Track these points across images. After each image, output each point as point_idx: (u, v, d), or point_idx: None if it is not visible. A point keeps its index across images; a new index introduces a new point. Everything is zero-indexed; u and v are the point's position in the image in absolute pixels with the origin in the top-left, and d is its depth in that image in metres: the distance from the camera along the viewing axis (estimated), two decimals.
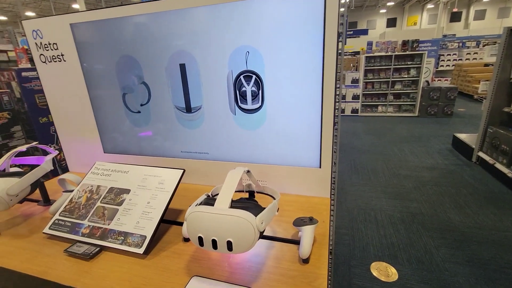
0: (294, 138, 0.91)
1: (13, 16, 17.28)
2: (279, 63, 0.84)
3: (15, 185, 0.82)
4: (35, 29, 1.08)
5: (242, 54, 0.87)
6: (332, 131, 0.85)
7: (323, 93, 0.82)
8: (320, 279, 0.59)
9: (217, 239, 0.55)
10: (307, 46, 0.80)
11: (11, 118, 2.50)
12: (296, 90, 0.85)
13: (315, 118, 0.86)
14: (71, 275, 0.64)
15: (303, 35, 0.79)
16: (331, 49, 0.78)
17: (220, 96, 0.95)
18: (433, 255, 1.90)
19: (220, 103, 0.95)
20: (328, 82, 0.81)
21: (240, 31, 0.84)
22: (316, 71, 0.81)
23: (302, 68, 0.83)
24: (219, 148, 1.02)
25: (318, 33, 0.78)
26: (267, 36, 0.83)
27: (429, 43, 6.44)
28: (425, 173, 3.22)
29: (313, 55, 0.80)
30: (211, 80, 0.94)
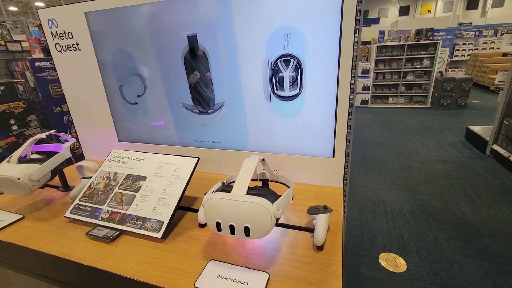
0: (308, 128, 0.91)
1: (23, 7, 17.44)
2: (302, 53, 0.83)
3: (37, 171, 0.85)
4: (51, 18, 1.09)
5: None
6: (346, 121, 0.84)
7: (339, 83, 0.81)
8: (335, 265, 0.60)
9: (235, 224, 0.56)
10: (325, 33, 0.78)
11: (27, 108, 2.56)
12: (313, 81, 0.85)
13: (330, 108, 0.85)
14: (93, 257, 0.67)
15: (321, 21, 0.78)
16: (348, 37, 0.76)
17: (244, 87, 0.94)
18: (443, 247, 1.89)
19: (236, 94, 0.95)
20: (344, 72, 0.80)
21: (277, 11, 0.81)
22: (332, 60, 0.80)
23: (319, 57, 0.81)
24: (232, 138, 1.03)
25: (335, 20, 0.76)
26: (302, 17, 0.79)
27: (444, 31, 6.20)
28: (436, 166, 3.17)
29: (330, 43, 0.79)
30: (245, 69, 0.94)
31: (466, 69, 8.67)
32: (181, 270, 0.61)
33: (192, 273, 0.60)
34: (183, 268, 0.62)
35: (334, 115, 0.85)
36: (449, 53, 6.21)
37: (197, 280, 0.57)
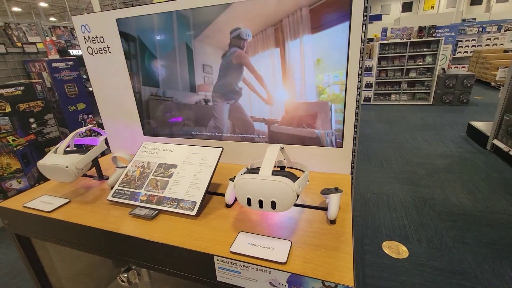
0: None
1: (26, 7, 17.62)
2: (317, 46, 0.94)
3: (81, 160, 0.97)
4: (84, 23, 1.21)
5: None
6: (354, 113, 0.95)
7: (347, 78, 0.92)
8: (346, 235, 0.72)
9: (263, 199, 0.67)
10: (336, 30, 0.89)
11: (44, 107, 2.69)
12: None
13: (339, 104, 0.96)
14: (140, 230, 0.78)
15: (332, 19, 0.88)
16: (356, 33, 0.86)
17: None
18: (443, 236, 2.00)
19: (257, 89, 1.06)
20: (352, 67, 0.90)
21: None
22: (342, 56, 0.90)
23: (331, 52, 0.92)
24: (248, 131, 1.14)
25: (344, 18, 0.87)
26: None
27: (446, 28, 6.26)
28: (438, 161, 3.27)
29: (341, 39, 0.89)
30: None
31: (469, 66, 8.70)
32: (217, 239, 0.73)
33: (226, 242, 0.71)
34: (218, 238, 0.73)
35: (343, 109, 0.96)
36: (452, 50, 6.26)
37: (231, 246, 0.69)
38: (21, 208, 0.95)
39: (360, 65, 0.90)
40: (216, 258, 0.67)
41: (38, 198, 0.99)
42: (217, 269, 0.68)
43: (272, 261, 0.63)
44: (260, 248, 0.67)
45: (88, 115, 3.15)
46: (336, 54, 0.90)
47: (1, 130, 2.36)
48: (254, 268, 0.64)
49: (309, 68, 0.95)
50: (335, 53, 0.90)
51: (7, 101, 2.38)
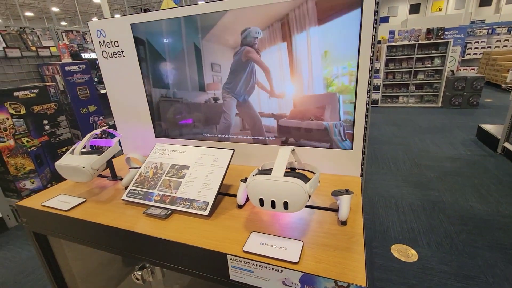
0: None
1: (38, 12, 18.09)
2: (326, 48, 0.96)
3: (97, 161, 1.00)
4: (99, 29, 1.25)
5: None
6: (364, 116, 0.96)
7: (358, 81, 0.93)
8: (357, 236, 0.72)
9: (276, 200, 0.69)
10: (346, 33, 0.90)
11: (57, 109, 2.76)
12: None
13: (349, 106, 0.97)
14: (153, 229, 0.81)
15: (344, 21, 0.90)
16: (367, 37, 0.87)
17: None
18: (453, 240, 1.98)
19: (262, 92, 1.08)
20: (363, 70, 0.91)
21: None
22: (350, 46, 0.91)
23: (341, 56, 0.93)
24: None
25: (355, 21, 0.88)
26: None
27: (455, 30, 6.19)
28: (447, 163, 3.23)
29: (351, 42, 0.90)
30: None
31: (479, 68, 8.57)
32: (229, 239, 0.74)
33: (239, 241, 0.73)
34: (231, 238, 0.75)
35: (353, 111, 0.97)
36: (461, 52, 6.18)
37: (244, 245, 0.70)
38: (39, 206, 0.98)
39: (370, 75, 0.91)
40: (229, 257, 0.69)
41: (55, 198, 1.02)
42: (230, 268, 0.70)
43: (285, 261, 0.64)
44: (272, 248, 0.69)
45: (99, 117, 3.22)
46: (344, 46, 0.90)
47: (16, 132, 2.43)
48: (266, 267, 0.65)
49: (316, 60, 0.95)
50: (343, 44, 0.91)
51: (22, 103, 2.45)
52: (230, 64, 1.09)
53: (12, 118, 2.39)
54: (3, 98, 2.32)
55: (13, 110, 2.40)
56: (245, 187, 0.89)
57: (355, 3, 0.85)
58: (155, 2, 17.55)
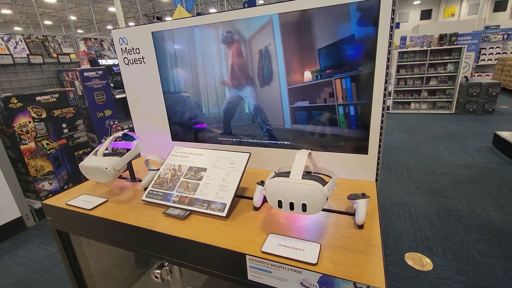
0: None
1: (57, 21, 18.87)
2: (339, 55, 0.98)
3: (119, 162, 1.04)
4: (122, 36, 1.31)
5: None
6: (379, 121, 0.97)
7: (374, 87, 0.94)
8: (374, 239, 0.73)
9: (294, 202, 0.70)
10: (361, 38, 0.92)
11: (75, 113, 2.86)
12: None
13: (365, 110, 0.98)
14: (173, 229, 0.83)
15: (358, 28, 0.92)
16: (383, 42, 0.89)
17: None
18: (470, 249, 1.92)
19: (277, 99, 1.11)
20: (379, 77, 0.92)
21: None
22: (368, 71, 0.93)
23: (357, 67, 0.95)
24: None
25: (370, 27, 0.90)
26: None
27: (469, 36, 6.10)
28: (462, 171, 3.15)
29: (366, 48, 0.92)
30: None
31: (494, 74, 8.38)
32: (247, 239, 0.76)
33: (257, 242, 0.74)
34: (249, 238, 0.76)
35: (369, 114, 0.98)
36: (475, 58, 6.08)
37: (262, 246, 0.72)
38: (63, 205, 1.02)
39: (385, 81, 0.92)
40: (248, 257, 0.70)
41: (78, 197, 1.07)
42: (249, 268, 0.71)
43: (303, 262, 0.66)
44: (290, 249, 0.70)
45: (114, 121, 3.32)
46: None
47: (37, 135, 2.53)
48: (285, 268, 0.66)
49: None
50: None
51: (43, 107, 2.56)
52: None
53: (34, 121, 2.50)
54: (27, 103, 2.43)
55: (35, 114, 2.51)
56: (261, 189, 0.91)
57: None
58: (167, 10, 18.05)
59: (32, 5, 11.09)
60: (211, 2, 16.59)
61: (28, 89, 2.90)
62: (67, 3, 9.18)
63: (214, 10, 17.30)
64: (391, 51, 0.93)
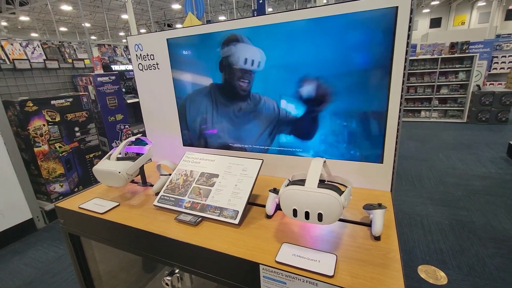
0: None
1: (72, 27, 19.50)
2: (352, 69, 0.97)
3: (132, 166, 1.05)
4: (137, 43, 1.33)
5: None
6: (396, 130, 0.95)
7: (389, 94, 0.92)
8: (393, 252, 0.70)
9: (310, 211, 0.69)
10: (377, 52, 0.91)
11: (88, 117, 2.92)
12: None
13: (379, 119, 0.96)
14: (184, 235, 0.82)
15: (375, 41, 0.91)
16: (400, 53, 0.88)
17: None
18: (486, 264, 1.85)
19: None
20: (395, 84, 0.91)
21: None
22: (384, 78, 0.92)
23: (372, 75, 0.94)
24: (287, 145, 1.17)
25: (387, 40, 0.89)
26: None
27: (481, 44, 6.02)
28: (476, 182, 3.07)
29: (383, 61, 0.91)
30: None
31: (507, 83, 8.20)
32: (260, 248, 0.75)
33: (270, 252, 0.73)
34: (262, 247, 0.75)
35: (384, 125, 0.96)
36: (487, 66, 5.97)
37: (276, 256, 0.70)
38: (76, 208, 1.03)
39: (402, 90, 0.91)
40: (262, 267, 0.69)
41: (91, 200, 1.07)
42: (262, 278, 0.70)
43: (319, 274, 0.64)
44: (305, 260, 0.68)
45: (125, 125, 3.37)
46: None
47: (51, 138, 2.59)
48: (300, 280, 0.64)
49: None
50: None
51: (57, 111, 2.62)
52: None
53: (48, 124, 2.56)
54: (42, 106, 2.49)
55: (49, 117, 2.57)
56: (274, 197, 0.90)
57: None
58: (177, 18, 18.44)
59: (49, 12, 11.50)
60: (221, 10, 16.89)
61: (43, 93, 2.97)
62: (82, 10, 9.50)
63: (223, 18, 17.61)
64: (407, 59, 0.92)
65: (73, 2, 12.18)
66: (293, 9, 0.97)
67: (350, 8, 0.90)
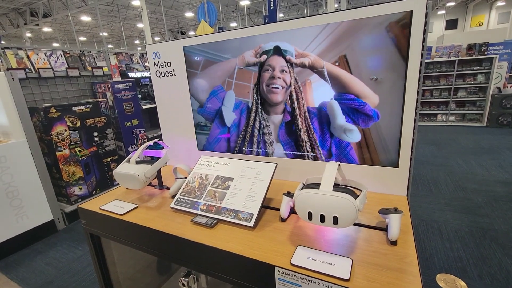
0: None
1: (90, 37, 20.38)
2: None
3: (150, 169, 1.09)
4: (155, 51, 1.39)
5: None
6: (412, 134, 0.94)
7: (405, 97, 0.92)
8: (410, 257, 0.70)
9: (325, 214, 0.69)
10: (391, 56, 0.91)
11: (106, 122, 3.02)
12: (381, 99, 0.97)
13: (396, 122, 0.96)
14: (201, 237, 0.84)
15: (390, 45, 0.91)
16: (415, 58, 0.88)
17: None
18: (510, 274, 1.76)
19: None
20: (410, 86, 0.91)
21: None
22: (399, 83, 0.92)
23: (388, 80, 0.94)
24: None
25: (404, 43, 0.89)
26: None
27: (501, 45, 5.81)
28: (497, 188, 2.94)
29: (398, 66, 0.91)
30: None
31: None
32: (276, 251, 0.75)
33: (285, 254, 0.74)
34: (277, 250, 0.76)
35: (400, 129, 0.95)
36: (508, 68, 5.76)
37: (291, 258, 0.71)
38: (98, 210, 1.08)
39: (417, 93, 0.90)
40: (277, 269, 0.69)
41: (111, 202, 1.12)
42: (277, 281, 0.70)
43: (335, 277, 0.64)
44: (320, 263, 0.68)
45: (141, 130, 3.47)
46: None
47: (72, 142, 2.70)
48: (316, 282, 0.65)
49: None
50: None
51: (78, 117, 2.74)
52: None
53: (69, 129, 2.67)
54: (64, 112, 2.61)
55: (70, 123, 2.68)
56: (288, 200, 0.91)
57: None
58: (190, 25, 18.91)
59: (70, 23, 12.08)
60: (232, 17, 17.17)
61: (65, 100, 3.11)
62: (100, 20, 9.93)
63: (235, 24, 17.87)
64: (423, 63, 0.91)
65: (92, 13, 12.76)
66: (305, 16, 0.99)
67: (366, 13, 0.90)
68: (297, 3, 14.35)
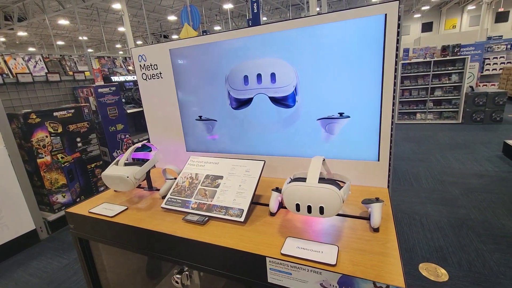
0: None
1: (69, 41, 19.74)
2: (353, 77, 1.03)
3: (139, 171, 1.09)
4: (141, 54, 1.39)
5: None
6: (390, 129, 1.00)
7: (382, 93, 0.98)
8: (391, 242, 0.75)
9: (312, 205, 0.73)
10: (369, 60, 0.97)
11: (89, 128, 2.96)
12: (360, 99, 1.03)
13: (374, 120, 1.02)
14: (193, 234, 0.86)
15: (365, 50, 0.97)
16: (390, 58, 0.94)
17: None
18: (486, 259, 1.88)
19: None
20: (387, 87, 0.97)
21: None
22: (377, 82, 0.98)
23: (364, 80, 1.00)
24: (286, 145, 1.22)
25: (378, 48, 0.95)
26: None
27: (472, 47, 6.18)
28: (473, 180, 3.12)
29: (374, 67, 0.97)
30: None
31: (499, 83, 8.38)
32: (266, 243, 0.79)
33: (276, 245, 0.77)
34: (267, 242, 0.79)
35: (378, 125, 1.01)
36: (479, 68, 6.12)
37: (281, 249, 0.74)
38: (86, 213, 1.07)
39: (394, 91, 0.97)
40: (268, 260, 0.73)
41: (100, 205, 1.11)
42: (269, 270, 0.73)
43: (323, 263, 0.68)
44: (309, 251, 0.72)
45: (125, 135, 3.41)
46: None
47: (53, 149, 2.62)
48: (305, 269, 0.68)
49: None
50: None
51: (59, 122, 2.67)
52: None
53: (50, 136, 2.60)
54: (45, 118, 2.54)
55: (51, 129, 2.61)
56: (277, 195, 0.94)
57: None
58: (173, 29, 18.74)
59: (47, 27, 11.67)
60: (216, 21, 17.19)
61: (45, 105, 3.02)
62: (79, 24, 9.67)
63: (219, 28, 17.90)
64: (398, 63, 0.98)
65: (70, 16, 12.39)
66: (288, 19, 1.04)
67: (343, 17, 0.96)
68: (280, 7, 14.59)
